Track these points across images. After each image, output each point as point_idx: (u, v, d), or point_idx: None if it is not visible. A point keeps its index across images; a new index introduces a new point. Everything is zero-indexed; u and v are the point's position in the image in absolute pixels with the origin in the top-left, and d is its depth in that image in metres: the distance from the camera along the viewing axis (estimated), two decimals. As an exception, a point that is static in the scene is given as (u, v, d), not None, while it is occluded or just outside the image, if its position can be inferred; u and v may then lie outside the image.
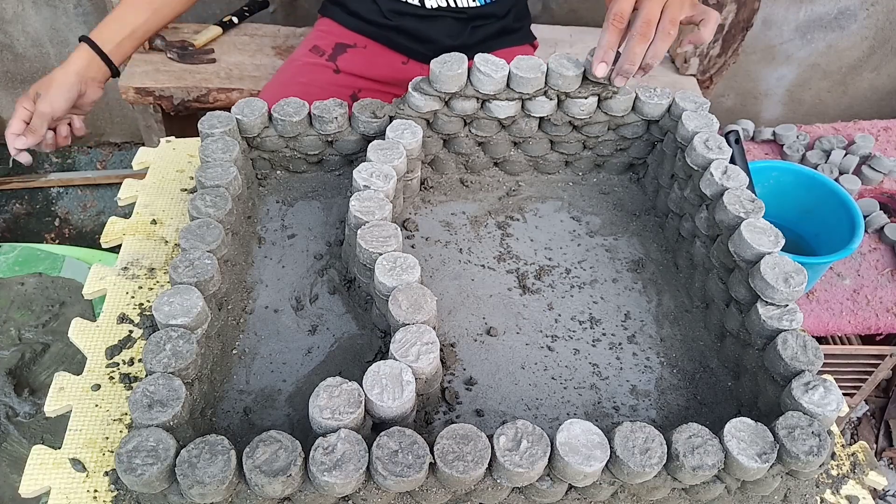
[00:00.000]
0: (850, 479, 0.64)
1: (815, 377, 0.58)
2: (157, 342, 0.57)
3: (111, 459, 0.60)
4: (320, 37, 1.26)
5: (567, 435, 0.52)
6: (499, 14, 1.23)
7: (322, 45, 1.24)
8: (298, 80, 1.20)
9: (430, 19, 1.20)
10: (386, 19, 1.20)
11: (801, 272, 0.62)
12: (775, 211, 1.08)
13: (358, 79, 1.23)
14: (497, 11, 1.22)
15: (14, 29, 1.71)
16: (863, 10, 1.77)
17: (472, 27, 1.21)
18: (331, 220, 0.83)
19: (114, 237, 0.80)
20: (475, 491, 0.53)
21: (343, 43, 1.24)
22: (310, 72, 1.21)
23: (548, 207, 0.87)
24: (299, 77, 1.20)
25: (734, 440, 0.53)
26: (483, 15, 1.21)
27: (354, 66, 1.23)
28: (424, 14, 1.19)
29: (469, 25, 1.21)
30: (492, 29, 1.24)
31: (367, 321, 0.72)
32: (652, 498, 0.57)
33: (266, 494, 0.50)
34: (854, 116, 1.95)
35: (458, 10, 1.19)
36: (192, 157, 0.90)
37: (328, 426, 0.52)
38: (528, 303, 0.76)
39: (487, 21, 1.23)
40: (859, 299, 1.16)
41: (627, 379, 0.69)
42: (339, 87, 1.21)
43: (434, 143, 0.84)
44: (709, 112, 0.79)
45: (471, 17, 1.21)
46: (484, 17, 1.22)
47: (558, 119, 0.82)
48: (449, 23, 1.20)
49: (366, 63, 1.24)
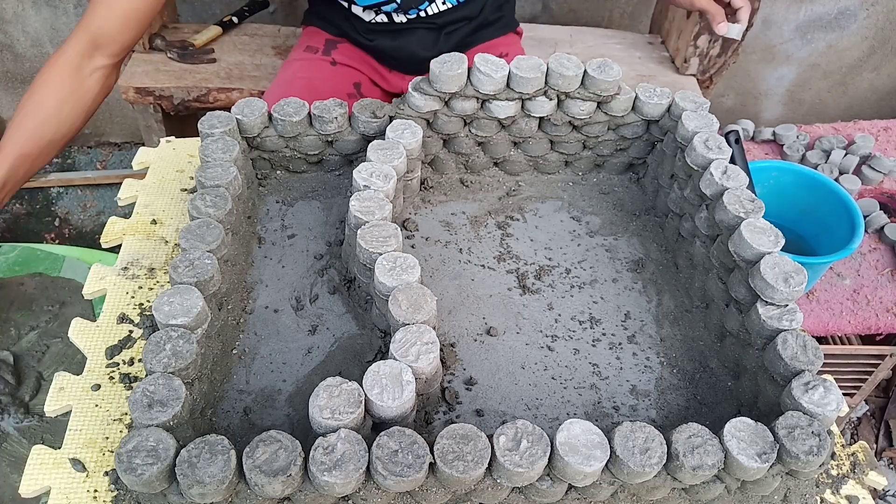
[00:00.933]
0: (850, 479, 0.64)
1: (815, 377, 0.58)
2: (157, 342, 0.57)
3: (111, 459, 0.60)
4: (310, 39, 1.27)
5: (567, 435, 0.52)
6: (471, 16, 1.22)
7: (313, 43, 1.25)
8: (301, 77, 1.20)
9: (404, 33, 1.20)
10: (362, 36, 1.21)
11: (801, 272, 0.62)
12: (775, 211, 1.08)
13: (355, 71, 1.24)
14: (469, 14, 1.21)
15: (14, 29, 1.71)
16: (863, 10, 1.77)
17: (445, 34, 1.21)
18: (331, 220, 0.83)
19: (114, 237, 0.80)
20: (475, 491, 0.53)
21: (332, 39, 1.25)
22: (309, 68, 1.21)
23: (548, 207, 0.87)
24: (301, 74, 1.21)
25: (734, 440, 0.53)
26: (454, 20, 1.20)
27: (349, 59, 1.24)
28: (397, 28, 1.19)
29: (441, 33, 1.21)
30: (466, 30, 1.23)
31: (367, 321, 0.72)
32: (652, 498, 0.57)
33: (266, 494, 0.50)
34: (854, 116, 1.95)
35: (428, 20, 1.19)
36: (192, 157, 0.90)
37: (328, 426, 0.52)
38: (528, 303, 0.76)
39: (459, 24, 1.22)
40: (859, 299, 1.16)
41: (627, 379, 0.69)
42: (339, 78, 1.21)
43: (434, 143, 0.84)
44: (709, 112, 0.79)
45: (441, 26, 1.20)
46: (455, 23, 1.21)
47: (558, 119, 0.82)
48: (421, 34, 1.20)
49: (358, 58, 1.25)
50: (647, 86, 0.82)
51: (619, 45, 1.60)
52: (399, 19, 1.18)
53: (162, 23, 1.52)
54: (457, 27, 1.21)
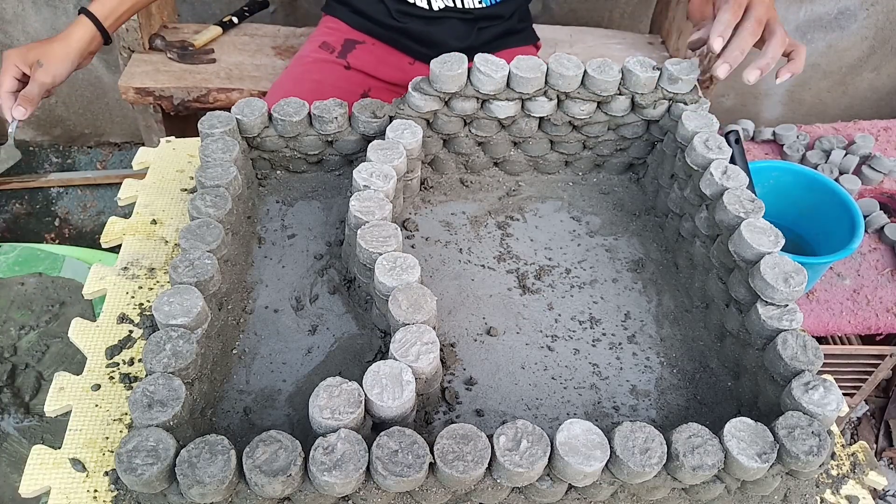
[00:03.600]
0: (850, 479, 0.64)
1: (815, 377, 0.58)
2: (157, 342, 0.57)
3: (111, 459, 0.60)
4: (328, 33, 1.25)
5: (567, 435, 0.52)
6: (504, 15, 1.23)
7: (331, 41, 1.23)
8: (311, 78, 1.19)
9: (437, 21, 1.20)
10: (393, 20, 1.20)
11: (801, 272, 0.62)
12: (775, 211, 1.07)
13: (368, 77, 1.23)
14: (503, 12, 1.22)
15: (14, 29, 1.71)
16: (863, 10, 1.77)
17: (479, 28, 1.21)
18: (331, 220, 0.83)
19: (114, 237, 0.80)
20: (475, 491, 0.53)
21: (352, 39, 1.23)
22: (321, 69, 1.21)
23: (548, 207, 0.87)
24: (311, 75, 1.20)
25: (734, 440, 0.53)
26: (489, 16, 1.21)
27: (364, 63, 1.23)
28: (431, 16, 1.19)
29: (475, 27, 1.21)
30: (497, 30, 1.24)
31: (367, 321, 0.72)
32: (652, 498, 0.57)
33: (266, 494, 0.50)
34: (854, 116, 1.95)
35: (464, 10, 1.19)
36: (192, 157, 0.90)
37: (328, 426, 0.52)
38: (528, 303, 0.76)
39: (493, 22, 1.23)
40: (859, 299, 1.16)
41: (627, 379, 0.69)
42: (350, 84, 1.21)
43: (434, 143, 0.84)
44: (709, 112, 0.79)
45: (476, 18, 1.21)
46: (489, 18, 1.22)
47: (558, 119, 0.82)
48: (455, 24, 1.20)
49: (375, 61, 1.23)
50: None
51: (619, 45, 1.60)
52: (437, 5, 1.18)
53: (162, 23, 1.52)
54: (490, 24, 1.22)
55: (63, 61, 0.94)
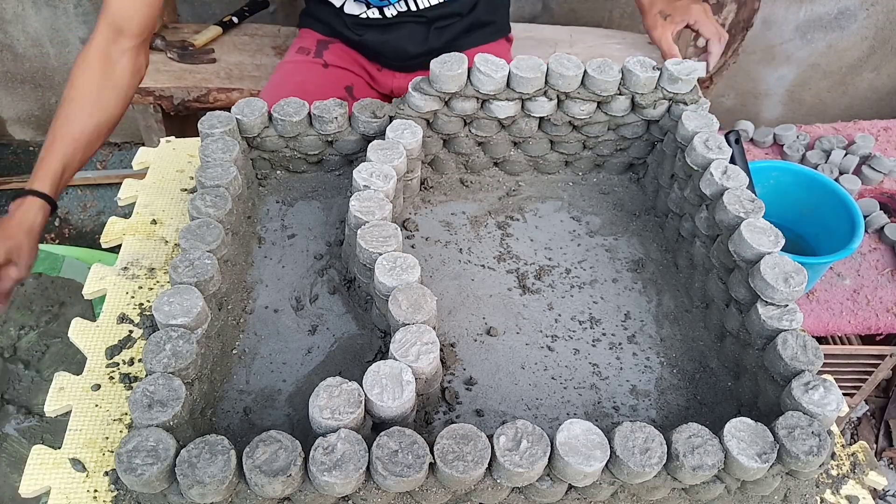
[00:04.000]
0: (850, 479, 0.64)
1: (815, 377, 0.58)
2: (157, 342, 0.57)
3: (111, 459, 0.60)
4: (302, 40, 1.27)
5: (567, 435, 0.52)
6: (461, 12, 1.21)
7: (305, 45, 1.25)
8: (293, 80, 1.20)
9: (393, 28, 1.19)
10: (352, 32, 1.21)
11: (801, 272, 0.62)
12: (775, 211, 1.07)
13: (346, 72, 1.24)
14: (459, 10, 1.20)
15: (14, 29, 1.71)
16: (863, 10, 1.77)
17: (436, 29, 1.20)
18: (331, 220, 0.83)
19: (114, 237, 0.80)
20: (475, 491, 0.53)
21: (324, 40, 1.25)
22: (301, 70, 1.22)
23: (548, 207, 0.87)
24: (293, 76, 1.21)
25: (734, 440, 0.53)
26: (443, 15, 1.20)
27: (340, 60, 1.24)
28: (387, 23, 1.19)
29: (431, 28, 1.20)
30: (458, 28, 1.22)
31: (367, 321, 0.72)
32: (652, 498, 0.57)
33: (266, 494, 0.50)
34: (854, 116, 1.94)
35: (418, 13, 1.18)
36: (192, 157, 0.90)
37: (328, 426, 0.52)
38: (528, 303, 0.75)
39: (450, 21, 1.21)
40: (859, 299, 1.16)
41: (627, 379, 0.69)
42: (331, 80, 1.21)
43: (434, 143, 0.84)
44: (709, 112, 0.79)
45: (431, 20, 1.19)
46: (445, 18, 1.20)
47: (558, 119, 0.82)
48: (412, 29, 1.19)
49: (349, 59, 1.25)
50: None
51: (619, 45, 1.60)
52: (390, 12, 1.18)
53: (162, 23, 1.52)
54: (447, 23, 1.21)
55: (32, 253, 0.90)
